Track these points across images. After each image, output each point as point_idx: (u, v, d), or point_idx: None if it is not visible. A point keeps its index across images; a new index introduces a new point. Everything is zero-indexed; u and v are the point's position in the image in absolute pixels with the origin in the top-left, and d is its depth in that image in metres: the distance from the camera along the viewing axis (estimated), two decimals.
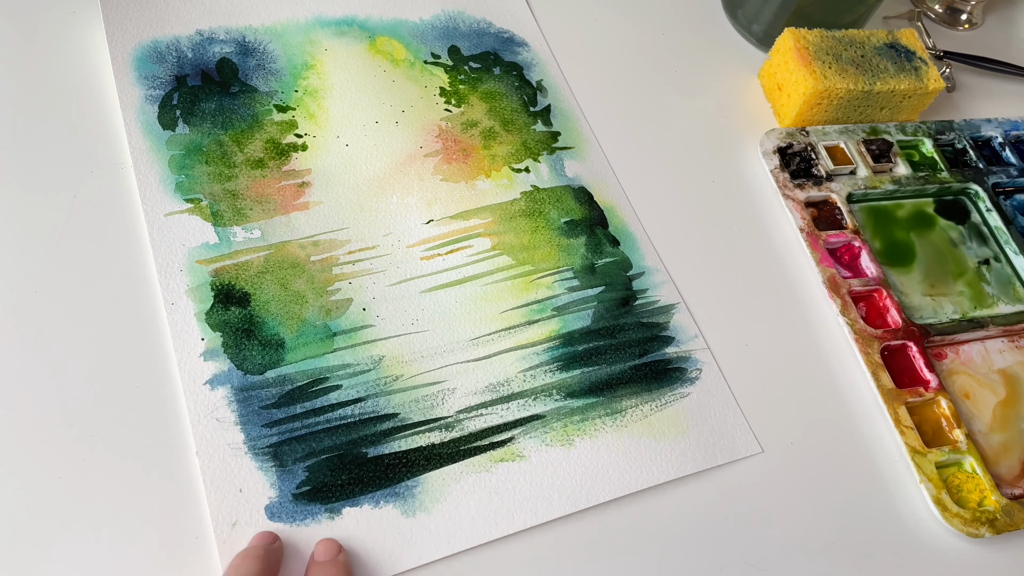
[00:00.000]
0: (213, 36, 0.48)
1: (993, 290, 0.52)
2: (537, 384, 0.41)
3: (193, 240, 0.41)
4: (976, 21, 0.68)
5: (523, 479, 0.38)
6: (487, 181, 0.47)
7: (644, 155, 0.52)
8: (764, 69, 0.57)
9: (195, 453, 0.36)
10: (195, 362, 0.38)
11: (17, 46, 0.45)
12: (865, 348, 0.45)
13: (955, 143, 0.58)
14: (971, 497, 0.43)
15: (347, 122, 0.47)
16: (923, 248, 0.52)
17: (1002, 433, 0.45)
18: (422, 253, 0.44)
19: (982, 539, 0.41)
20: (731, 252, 0.49)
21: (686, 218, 0.50)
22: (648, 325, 0.44)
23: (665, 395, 0.42)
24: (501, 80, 0.52)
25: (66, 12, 0.47)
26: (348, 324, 0.41)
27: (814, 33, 0.54)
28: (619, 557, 0.38)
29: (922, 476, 0.42)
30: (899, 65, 0.54)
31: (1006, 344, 0.49)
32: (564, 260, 0.45)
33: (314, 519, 0.35)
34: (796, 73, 0.53)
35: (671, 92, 0.56)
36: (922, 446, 0.43)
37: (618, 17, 0.59)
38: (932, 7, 0.68)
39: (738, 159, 0.53)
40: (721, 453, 0.41)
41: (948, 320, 0.49)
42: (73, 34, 0.46)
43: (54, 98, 0.44)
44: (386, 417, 0.39)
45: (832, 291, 0.47)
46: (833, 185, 0.52)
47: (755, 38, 0.60)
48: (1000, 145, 0.59)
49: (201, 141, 0.44)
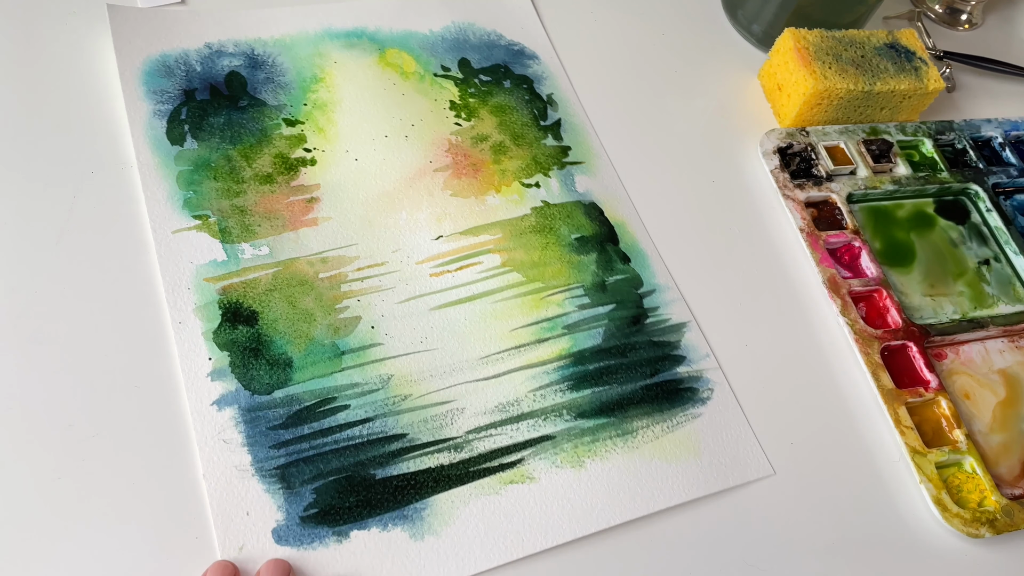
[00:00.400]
0: (222, 49, 0.48)
1: (993, 290, 0.52)
2: (547, 404, 0.41)
3: (201, 257, 0.41)
4: (976, 21, 0.68)
5: (533, 501, 0.38)
6: (497, 196, 0.47)
7: (645, 157, 0.52)
8: (764, 69, 0.57)
9: (202, 476, 0.35)
10: (202, 382, 0.37)
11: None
12: (865, 348, 0.45)
13: (955, 143, 0.57)
14: (971, 497, 0.43)
15: (356, 136, 0.47)
16: (923, 248, 0.52)
17: (1002, 433, 0.45)
18: (431, 270, 0.44)
19: (982, 539, 0.41)
20: (730, 253, 0.49)
21: (686, 220, 0.49)
22: (659, 344, 0.44)
23: (677, 416, 0.42)
24: (511, 93, 0.51)
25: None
26: (356, 342, 0.40)
27: (814, 33, 0.54)
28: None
29: (922, 476, 0.42)
30: (899, 65, 0.54)
31: (1006, 344, 0.49)
32: (575, 277, 0.45)
33: (322, 542, 0.35)
34: (796, 73, 0.53)
35: (671, 93, 0.55)
36: (922, 446, 0.43)
37: (617, 18, 0.58)
38: (932, 7, 0.68)
39: (738, 159, 0.53)
40: (733, 475, 0.41)
41: (948, 320, 0.49)
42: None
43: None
44: (395, 438, 0.38)
45: (832, 291, 0.47)
46: (833, 185, 0.52)
47: (755, 38, 0.60)
48: (1000, 145, 0.58)
49: (210, 156, 0.44)
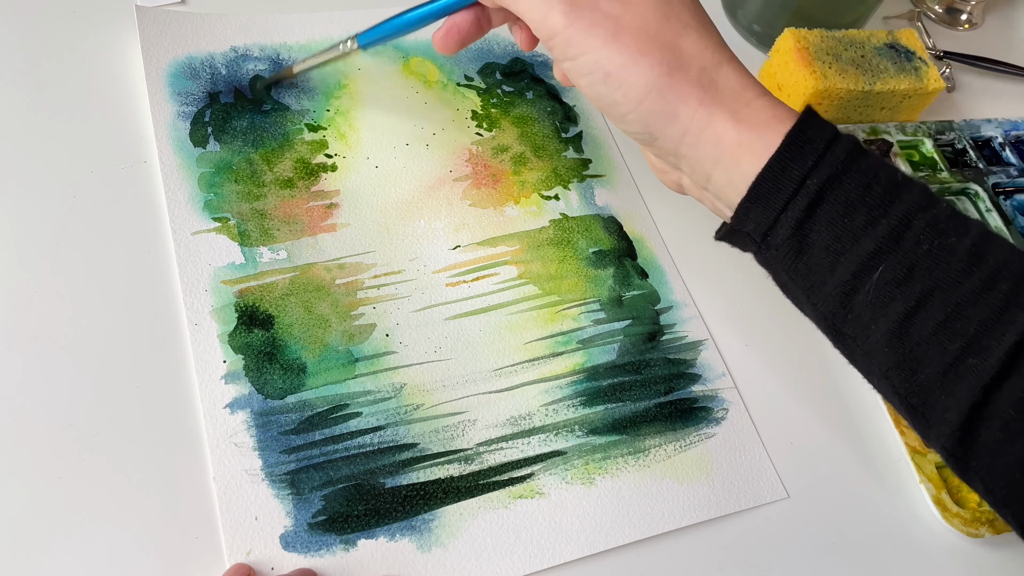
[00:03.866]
0: (248, 53, 0.48)
1: None
2: (559, 419, 0.40)
3: (219, 260, 0.41)
4: (976, 21, 0.68)
5: (542, 517, 0.38)
6: (516, 208, 0.47)
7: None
8: (764, 69, 0.56)
9: (212, 479, 0.35)
10: (216, 385, 0.37)
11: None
12: None
13: (955, 143, 0.57)
14: (971, 497, 0.42)
15: (378, 143, 0.47)
16: None
17: None
18: (448, 279, 0.43)
19: (982, 539, 0.41)
20: (732, 253, 0.48)
21: (688, 221, 0.49)
22: (675, 362, 0.44)
23: (690, 435, 0.41)
24: (534, 104, 0.51)
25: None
26: (371, 350, 0.40)
27: (814, 33, 0.53)
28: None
29: (922, 476, 0.42)
30: (899, 65, 0.54)
31: None
32: (591, 291, 0.45)
33: (329, 550, 0.35)
34: (796, 73, 0.52)
35: None
36: (922, 446, 0.43)
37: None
38: (932, 7, 0.67)
39: None
40: (746, 498, 0.40)
41: None
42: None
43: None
44: (405, 447, 0.38)
45: None
46: None
47: (755, 38, 0.59)
48: (1000, 145, 0.58)
49: (231, 159, 0.44)
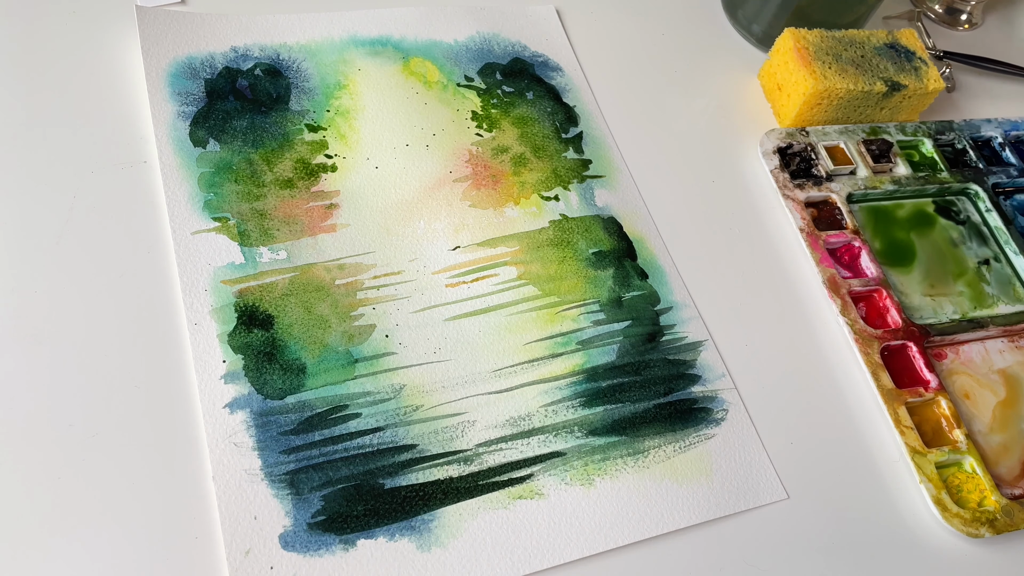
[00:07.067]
0: (248, 53, 0.48)
1: (993, 290, 0.51)
2: (559, 420, 0.40)
3: (219, 259, 0.41)
4: (976, 21, 0.68)
5: (541, 518, 0.38)
6: (516, 208, 0.47)
7: (646, 158, 0.52)
8: (764, 69, 0.57)
9: (211, 478, 0.35)
10: (215, 384, 0.37)
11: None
12: (865, 348, 0.45)
13: (955, 143, 0.57)
14: (971, 497, 0.42)
15: (378, 144, 0.47)
16: (923, 248, 0.52)
17: (1002, 433, 0.45)
18: (447, 280, 0.43)
19: (982, 539, 0.41)
20: (731, 253, 0.49)
21: (687, 221, 0.49)
22: (675, 362, 0.44)
23: (689, 436, 0.41)
24: (534, 105, 0.51)
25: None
26: (370, 351, 0.40)
27: (814, 33, 0.54)
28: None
29: (922, 476, 0.42)
30: (899, 65, 0.54)
31: (1006, 344, 0.49)
32: (591, 292, 0.45)
33: (328, 550, 0.35)
34: (796, 73, 0.53)
35: (671, 93, 0.55)
36: (922, 446, 0.43)
37: (617, 18, 0.58)
38: (932, 7, 0.67)
39: (738, 159, 0.53)
40: (745, 498, 0.40)
41: (948, 320, 0.49)
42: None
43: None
44: (404, 448, 0.38)
45: (832, 291, 0.47)
46: (833, 185, 0.52)
47: (755, 38, 0.59)
48: (1000, 145, 0.58)
49: (231, 159, 0.44)
